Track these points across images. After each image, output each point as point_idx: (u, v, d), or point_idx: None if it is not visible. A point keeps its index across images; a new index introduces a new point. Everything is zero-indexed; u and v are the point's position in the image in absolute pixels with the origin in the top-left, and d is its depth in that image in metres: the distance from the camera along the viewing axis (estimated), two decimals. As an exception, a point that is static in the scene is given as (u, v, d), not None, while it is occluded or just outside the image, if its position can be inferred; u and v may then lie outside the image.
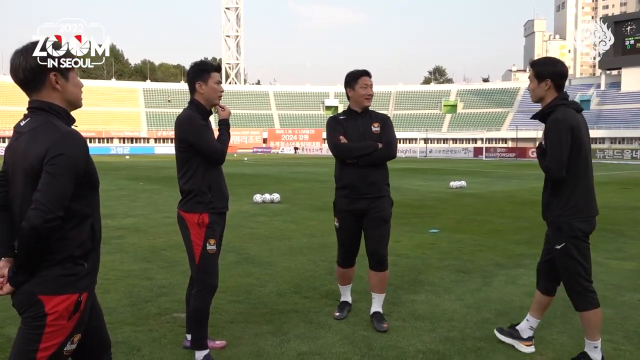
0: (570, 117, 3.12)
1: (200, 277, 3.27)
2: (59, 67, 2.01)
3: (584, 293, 3.19)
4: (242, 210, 10.60)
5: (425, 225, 8.69)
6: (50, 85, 2.00)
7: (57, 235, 1.93)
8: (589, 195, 3.19)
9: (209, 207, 3.23)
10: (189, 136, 3.18)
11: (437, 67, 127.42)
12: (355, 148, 3.83)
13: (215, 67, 3.33)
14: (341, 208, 3.96)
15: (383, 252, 3.95)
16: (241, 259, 6.19)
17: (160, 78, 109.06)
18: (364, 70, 3.99)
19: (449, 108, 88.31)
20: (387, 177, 3.99)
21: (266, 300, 4.58)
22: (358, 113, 3.98)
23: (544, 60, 3.29)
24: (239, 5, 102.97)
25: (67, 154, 1.89)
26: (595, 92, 78.85)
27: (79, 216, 1.99)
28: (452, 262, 6.05)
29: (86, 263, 2.02)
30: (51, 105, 2.00)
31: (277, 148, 79.60)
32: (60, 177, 1.87)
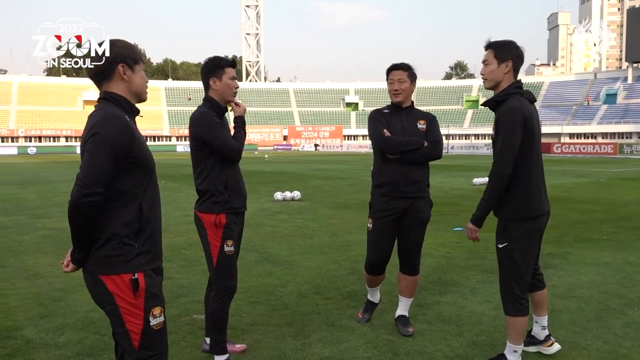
0: (525, 106, 2.91)
1: (218, 279, 3.17)
2: (127, 60, 2.13)
3: (514, 299, 3.02)
4: (263, 208, 10.53)
5: (449, 223, 8.50)
6: (119, 76, 2.12)
7: (104, 215, 2.00)
8: (540, 191, 3.00)
9: (225, 207, 3.13)
10: (203, 134, 3.08)
11: (459, 62, 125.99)
12: (400, 142, 3.58)
13: (229, 63, 3.21)
14: (378, 208, 3.70)
15: (416, 256, 3.79)
16: (261, 258, 6.10)
17: (181, 76, 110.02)
18: (393, 64, 3.75)
19: (471, 103, 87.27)
20: (428, 177, 3.76)
21: (287, 301, 4.48)
22: (402, 108, 3.73)
23: (504, 41, 3.05)
24: (258, 3, 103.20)
25: (102, 133, 1.97)
26: (622, 85, 77.04)
27: (125, 196, 2.04)
28: (478, 261, 5.87)
29: (136, 243, 2.04)
30: (113, 94, 2.12)
31: (297, 145, 79.66)
32: (97, 155, 1.95)
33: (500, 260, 3.06)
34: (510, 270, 3.01)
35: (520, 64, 3.04)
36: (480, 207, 2.99)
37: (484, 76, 3.07)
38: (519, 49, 3.03)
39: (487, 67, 3.04)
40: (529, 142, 2.91)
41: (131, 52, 2.18)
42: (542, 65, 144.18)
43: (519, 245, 2.97)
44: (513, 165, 2.89)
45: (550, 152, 47.29)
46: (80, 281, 2.30)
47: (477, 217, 3.02)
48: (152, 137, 79.49)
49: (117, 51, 2.14)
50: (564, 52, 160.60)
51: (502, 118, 2.90)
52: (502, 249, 3.02)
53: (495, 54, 3.00)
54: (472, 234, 3.08)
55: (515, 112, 2.87)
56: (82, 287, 2.83)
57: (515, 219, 2.96)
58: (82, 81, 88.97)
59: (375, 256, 3.79)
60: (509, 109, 2.89)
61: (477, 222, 3.04)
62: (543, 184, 3.06)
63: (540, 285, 3.34)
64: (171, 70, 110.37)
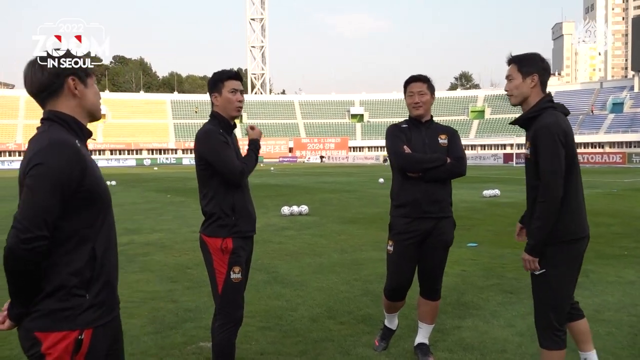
0: (561, 120, 2.70)
1: (223, 309, 2.94)
2: (78, 73, 1.83)
3: (552, 331, 2.77)
4: (270, 224, 10.33)
5: (462, 239, 8.24)
6: (69, 92, 1.81)
7: (49, 262, 1.69)
8: (581, 211, 2.76)
9: (233, 231, 2.91)
10: (206, 153, 2.91)
11: (464, 73, 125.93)
12: (422, 159, 3.35)
13: (229, 75, 3.02)
14: (399, 230, 3.44)
15: (438, 280, 3.56)
16: (270, 278, 5.88)
17: (187, 90, 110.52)
18: (412, 76, 3.53)
19: (477, 114, 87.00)
20: (451, 196, 3.52)
21: (298, 326, 4.25)
22: (422, 123, 3.51)
23: (528, 54, 2.86)
24: (263, 16, 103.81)
25: (46, 164, 1.65)
26: (628, 94, 76.63)
27: (75, 238, 1.73)
28: (496, 280, 5.63)
29: (87, 294, 1.74)
30: (59, 114, 1.79)
31: (303, 157, 79.55)
32: (39, 191, 1.63)
33: (536, 288, 2.82)
34: (547, 299, 2.77)
35: (548, 76, 2.83)
36: (535, 235, 2.70)
37: (509, 92, 2.86)
38: (544, 61, 2.83)
39: (511, 82, 2.84)
40: (570, 158, 2.69)
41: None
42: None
43: (559, 272, 2.73)
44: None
45: (558, 162, 46.90)
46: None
47: (533, 245, 2.72)
48: (158, 150, 79.68)
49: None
50: (569, 62, 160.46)
51: (542, 136, 2.66)
52: (539, 276, 2.77)
53: (518, 68, 2.81)
54: (531, 265, 2.77)
55: (554, 128, 2.65)
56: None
57: (555, 243, 2.71)
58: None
59: (397, 281, 3.54)
60: (547, 125, 2.66)
61: (533, 251, 2.72)
62: (584, 203, 2.82)
63: (578, 314, 3.05)
64: (177, 84, 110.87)
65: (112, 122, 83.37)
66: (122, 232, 9.60)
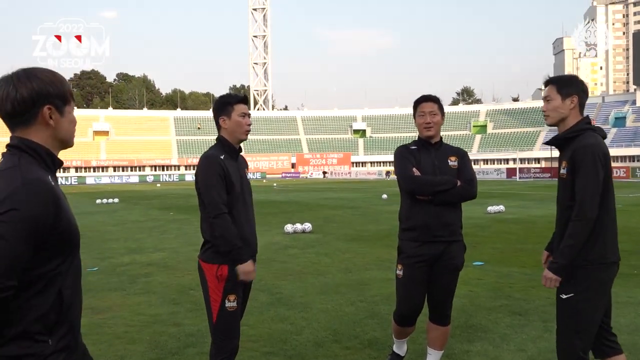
0: (601, 143, 2.69)
1: (217, 338, 2.86)
2: (55, 101, 1.65)
3: (574, 358, 2.68)
4: (273, 242, 10.24)
5: (468, 257, 8.02)
6: (42, 121, 1.64)
7: (12, 306, 1.53)
8: (614, 235, 2.70)
9: (228, 257, 2.83)
10: (200, 183, 2.93)
11: (465, 88, 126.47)
12: (433, 182, 3.28)
13: (239, 99, 3.02)
14: (409, 254, 3.36)
15: (448, 306, 3.47)
16: (274, 299, 5.78)
17: (190, 106, 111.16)
18: (422, 96, 3.48)
19: (479, 129, 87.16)
20: (461, 218, 3.45)
21: (303, 351, 4.15)
22: (431, 144, 3.44)
23: (567, 76, 2.90)
24: (266, 33, 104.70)
25: (21, 210, 1.49)
26: (630, 108, 76.76)
27: (42, 281, 1.58)
28: (504, 301, 5.52)
29: (50, 339, 1.59)
30: (31, 144, 1.63)
31: (305, 173, 79.60)
32: (11, 239, 1.47)
33: (562, 313, 2.72)
34: (574, 325, 2.67)
35: (586, 98, 2.82)
36: (564, 255, 2.64)
37: (546, 113, 2.84)
38: (584, 83, 2.84)
39: (549, 103, 2.82)
40: (606, 181, 2.66)
41: (61, 88, 1.68)
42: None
43: (588, 297, 2.64)
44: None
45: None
46: None
47: (561, 265, 2.65)
48: (161, 167, 79.85)
49: (43, 88, 1.63)
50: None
51: (582, 156, 2.63)
52: (566, 300, 2.68)
53: (557, 89, 2.79)
54: (552, 284, 2.70)
55: (595, 149, 2.63)
56: None
57: (585, 266, 2.63)
58: (92, 112, 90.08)
59: (407, 306, 3.44)
60: (589, 146, 2.64)
61: (560, 271, 2.65)
62: (616, 227, 2.76)
63: (616, 348, 2.88)
64: (180, 100, 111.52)
65: (115, 139, 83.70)
66: (124, 251, 9.53)
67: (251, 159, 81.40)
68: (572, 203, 2.65)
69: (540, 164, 68.35)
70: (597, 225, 2.63)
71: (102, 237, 11.61)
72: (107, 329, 4.81)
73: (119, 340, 4.49)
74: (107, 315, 5.25)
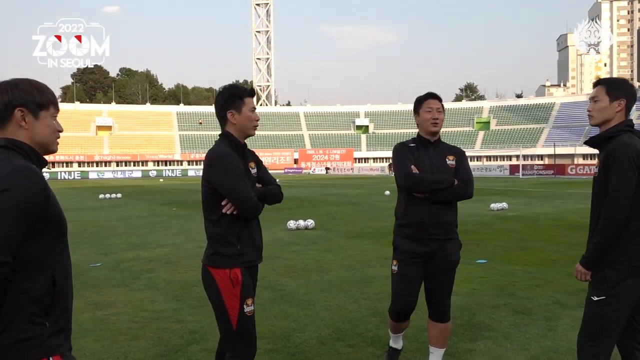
0: (637, 144, 2.66)
1: (239, 346, 2.73)
2: (28, 105, 1.77)
3: (589, 358, 2.67)
4: (277, 238, 10.24)
5: (471, 255, 8.13)
6: (15, 122, 1.76)
7: (7, 289, 1.62)
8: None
9: (239, 261, 2.71)
10: (219, 181, 2.69)
11: (469, 84, 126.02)
12: (431, 181, 3.29)
13: (249, 92, 2.84)
14: (404, 250, 3.40)
15: (446, 302, 3.47)
16: (277, 296, 5.79)
17: (193, 101, 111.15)
18: (429, 93, 3.51)
19: (482, 125, 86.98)
20: (456, 217, 3.46)
21: (306, 349, 4.15)
22: (430, 142, 3.45)
23: (617, 79, 2.86)
24: (269, 29, 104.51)
25: (12, 190, 1.60)
26: (635, 105, 76.51)
27: (34, 265, 1.67)
28: (508, 300, 5.51)
29: (47, 322, 1.68)
30: (15, 141, 1.75)
31: (308, 168, 79.57)
32: (5, 216, 1.58)
33: (590, 315, 2.71)
34: (600, 327, 2.66)
35: (633, 103, 2.80)
36: (594, 249, 2.66)
37: (591, 113, 2.81)
38: (633, 87, 2.83)
39: (596, 103, 2.79)
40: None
41: (36, 94, 1.79)
42: (553, 87, 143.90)
43: (618, 301, 2.63)
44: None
45: (565, 173, 46.66)
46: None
47: (590, 259, 2.68)
48: (164, 162, 79.92)
49: (17, 94, 1.76)
50: (574, 73, 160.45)
51: (616, 155, 2.61)
52: (597, 302, 2.66)
53: (607, 90, 2.77)
54: (584, 277, 2.73)
55: (630, 148, 2.60)
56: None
57: (620, 269, 2.62)
58: (95, 107, 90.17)
59: (402, 302, 3.47)
60: (623, 145, 2.62)
61: (589, 264, 2.69)
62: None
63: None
64: (183, 95, 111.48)
65: (118, 134, 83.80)
66: (127, 247, 9.55)
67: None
68: (604, 202, 2.65)
69: (543, 161, 68.18)
70: (631, 226, 2.61)
71: (105, 233, 11.64)
72: (111, 325, 4.82)
73: (122, 336, 4.50)
74: (110, 312, 5.27)
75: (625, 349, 2.83)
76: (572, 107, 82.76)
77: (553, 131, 78.85)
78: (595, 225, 2.71)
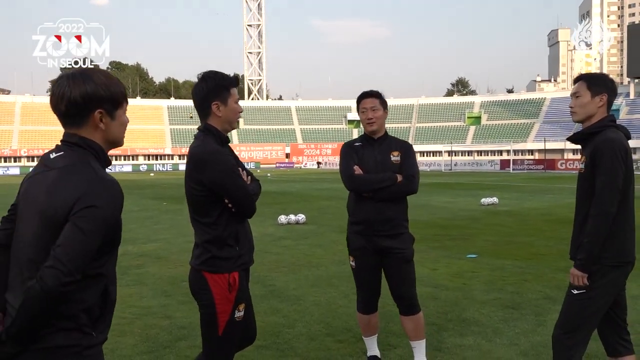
0: (623, 139, 2.68)
1: (219, 351, 2.58)
2: (106, 105, 1.71)
3: (563, 351, 2.70)
4: (267, 233, 10.21)
5: (461, 249, 8.15)
6: (93, 123, 1.71)
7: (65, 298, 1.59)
8: (632, 234, 2.69)
9: (237, 263, 2.55)
10: (219, 180, 2.46)
11: (460, 79, 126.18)
12: (371, 180, 3.36)
13: (235, 81, 2.62)
14: (356, 246, 3.48)
15: (411, 295, 3.49)
16: (267, 292, 5.76)
17: (184, 95, 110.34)
18: (363, 92, 3.54)
19: (473, 120, 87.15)
20: (405, 213, 3.50)
21: (296, 345, 4.14)
22: (374, 140, 3.49)
23: (598, 74, 2.86)
24: (260, 22, 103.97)
25: (100, 207, 1.58)
26: (624, 101, 77.00)
27: (91, 276, 1.64)
28: (497, 294, 5.52)
29: (94, 332, 1.66)
30: (91, 143, 1.71)
31: (299, 163, 79.47)
32: (91, 234, 1.56)
33: (569, 308, 2.72)
34: (577, 321, 2.68)
35: (614, 97, 2.79)
36: (585, 250, 2.63)
37: (573, 109, 2.80)
38: (614, 82, 2.81)
39: (578, 99, 2.78)
40: (628, 178, 2.64)
41: (114, 91, 1.72)
42: (544, 82, 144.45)
43: (599, 295, 2.64)
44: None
45: (555, 168, 46.97)
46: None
47: (585, 260, 2.63)
48: (154, 156, 79.47)
49: (95, 92, 1.67)
50: (564, 68, 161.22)
51: (603, 150, 2.60)
52: (577, 295, 2.67)
53: (588, 86, 2.75)
54: (580, 281, 2.66)
55: (616, 143, 2.61)
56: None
57: (602, 264, 2.63)
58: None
59: (367, 293, 3.58)
60: (609, 140, 2.61)
61: (584, 267, 2.64)
62: (634, 226, 2.74)
63: (629, 348, 2.85)
64: (173, 89, 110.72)
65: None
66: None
67: (245, 148, 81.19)
68: (590, 199, 2.64)
69: (533, 156, 68.56)
70: (615, 223, 2.61)
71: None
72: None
73: (109, 332, 4.45)
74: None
75: (610, 344, 2.84)
76: (562, 102, 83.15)
77: (543, 126, 79.18)
78: (583, 221, 2.70)
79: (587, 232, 2.63)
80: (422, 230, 9.83)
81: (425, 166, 59.46)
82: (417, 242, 3.68)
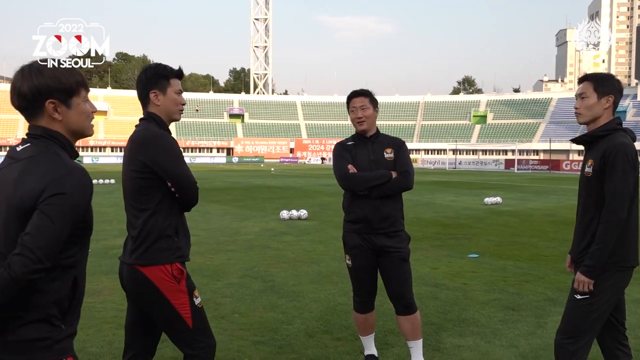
0: (632, 143, 2.62)
1: (199, 343, 2.48)
2: (58, 95, 1.68)
3: (566, 356, 2.66)
4: (268, 228, 10.19)
5: (463, 249, 8.11)
6: (47, 114, 1.69)
7: (32, 289, 1.58)
8: (635, 241, 2.64)
9: (177, 255, 2.44)
10: (162, 162, 2.39)
11: (467, 77, 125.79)
12: (367, 178, 3.34)
13: (176, 73, 2.60)
14: (352, 245, 3.46)
15: (408, 295, 3.46)
16: (266, 287, 5.74)
17: (189, 88, 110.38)
18: (353, 91, 3.54)
19: (479, 119, 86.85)
20: (401, 210, 3.49)
21: (293, 341, 4.11)
22: (367, 138, 3.49)
23: (605, 74, 2.77)
24: (268, 16, 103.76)
25: (69, 194, 1.57)
26: (631, 102, 76.56)
27: (60, 268, 1.62)
28: (498, 295, 5.48)
29: (63, 324, 1.65)
30: (54, 133, 1.70)
31: (304, 158, 79.42)
32: (58, 221, 1.55)
33: (572, 314, 2.68)
34: (580, 326, 2.64)
35: (620, 98, 2.73)
36: (595, 257, 2.57)
37: (579, 110, 2.73)
38: (620, 82, 2.74)
39: (583, 100, 2.70)
40: (636, 184, 2.60)
41: (65, 82, 1.68)
42: (551, 82, 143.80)
43: (602, 300, 2.60)
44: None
45: (560, 169, 46.77)
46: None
47: (594, 267, 2.57)
48: (159, 148, 79.55)
49: (43, 84, 1.65)
50: (572, 69, 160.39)
51: (615, 155, 2.54)
52: (580, 301, 2.63)
53: (595, 87, 2.68)
54: (586, 287, 2.60)
55: (628, 148, 2.55)
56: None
57: (607, 270, 2.59)
58: (91, 92, 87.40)
59: (363, 292, 3.56)
60: (622, 145, 2.55)
61: (592, 274, 2.58)
62: (638, 230, 2.69)
63: (628, 354, 2.82)
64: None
65: (113, 119, 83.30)
66: (117, 233, 9.47)
67: (249, 142, 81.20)
68: (597, 203, 2.59)
69: (539, 156, 68.32)
70: (622, 227, 2.57)
71: (96, 219, 11.34)
72: (97, 313, 4.76)
73: (107, 325, 4.45)
74: (97, 299, 5.21)
75: (608, 349, 2.81)
76: (569, 102, 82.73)
77: (549, 126, 78.85)
78: (587, 225, 2.65)
79: (597, 239, 2.57)
80: (424, 228, 9.73)
81: (429, 164, 59.32)
82: (419, 240, 3.66)
